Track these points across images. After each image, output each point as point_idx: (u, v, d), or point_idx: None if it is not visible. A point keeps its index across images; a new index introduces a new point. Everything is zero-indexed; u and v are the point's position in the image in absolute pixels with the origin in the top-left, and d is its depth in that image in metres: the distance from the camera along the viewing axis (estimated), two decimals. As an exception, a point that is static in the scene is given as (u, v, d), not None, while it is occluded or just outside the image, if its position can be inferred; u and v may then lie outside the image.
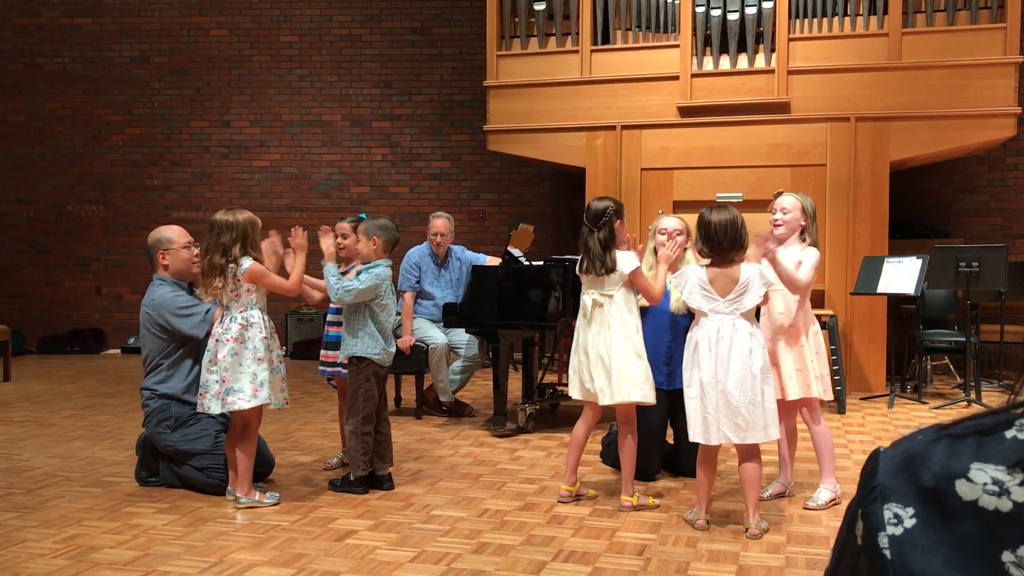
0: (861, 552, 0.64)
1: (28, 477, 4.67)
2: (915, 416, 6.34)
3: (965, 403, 6.62)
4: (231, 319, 4.12)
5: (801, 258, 4.02)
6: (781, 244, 4.08)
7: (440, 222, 6.42)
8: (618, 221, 4.07)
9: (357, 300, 4.28)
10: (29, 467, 4.89)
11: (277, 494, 4.24)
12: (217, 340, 4.09)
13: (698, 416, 3.70)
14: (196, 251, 4.62)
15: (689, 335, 3.80)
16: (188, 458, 4.34)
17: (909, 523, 0.62)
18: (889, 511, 0.63)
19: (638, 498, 4.10)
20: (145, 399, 4.48)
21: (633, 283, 4.04)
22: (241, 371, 4.08)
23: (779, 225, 4.11)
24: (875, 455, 0.67)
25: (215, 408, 4.08)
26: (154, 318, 4.45)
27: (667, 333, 4.55)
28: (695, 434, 3.73)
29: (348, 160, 10.02)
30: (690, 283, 3.73)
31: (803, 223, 4.09)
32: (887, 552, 0.61)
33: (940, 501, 0.61)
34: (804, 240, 4.10)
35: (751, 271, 3.73)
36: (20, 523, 3.87)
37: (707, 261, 3.77)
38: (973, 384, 6.70)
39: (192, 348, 4.47)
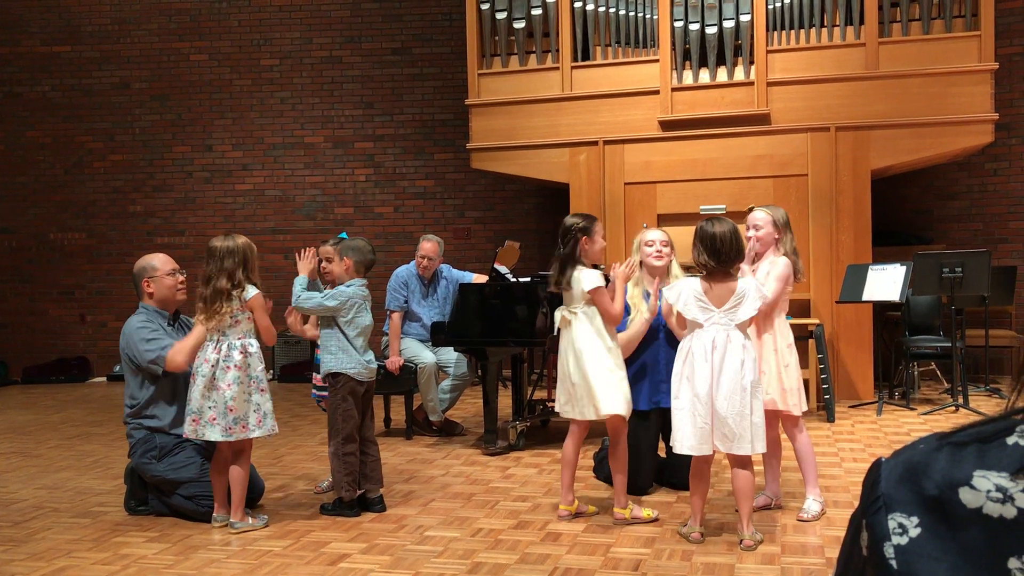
0: (867, 563, 0.64)
1: (15, 509, 4.61)
2: (904, 423, 6.36)
3: (953, 408, 6.64)
4: (230, 346, 4.10)
5: (770, 269, 4.06)
6: (760, 259, 4.15)
7: (429, 245, 6.39)
8: (584, 237, 4.09)
9: (312, 312, 4.36)
10: (16, 499, 4.83)
11: (265, 516, 4.23)
12: (214, 366, 4.06)
13: (688, 427, 3.68)
14: (181, 278, 4.61)
15: (681, 345, 3.80)
16: (176, 487, 4.31)
17: (914, 532, 0.61)
18: (893, 521, 0.62)
19: (631, 511, 4.09)
20: (129, 430, 4.44)
21: (593, 301, 4.05)
22: (247, 400, 4.09)
23: (755, 242, 4.16)
24: (876, 465, 0.67)
25: (214, 435, 4.04)
26: (123, 348, 4.44)
27: (663, 351, 4.54)
28: (684, 446, 3.69)
29: (331, 181, 10.02)
30: (685, 294, 3.73)
31: (776, 236, 4.12)
32: (893, 562, 0.61)
33: (944, 510, 0.61)
34: (778, 250, 4.13)
35: (747, 283, 3.76)
36: (8, 556, 3.82)
37: (700, 273, 3.79)
38: (960, 389, 6.73)
39: (172, 379, 4.43)
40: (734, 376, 3.64)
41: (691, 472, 3.82)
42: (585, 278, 4.03)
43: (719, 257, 3.68)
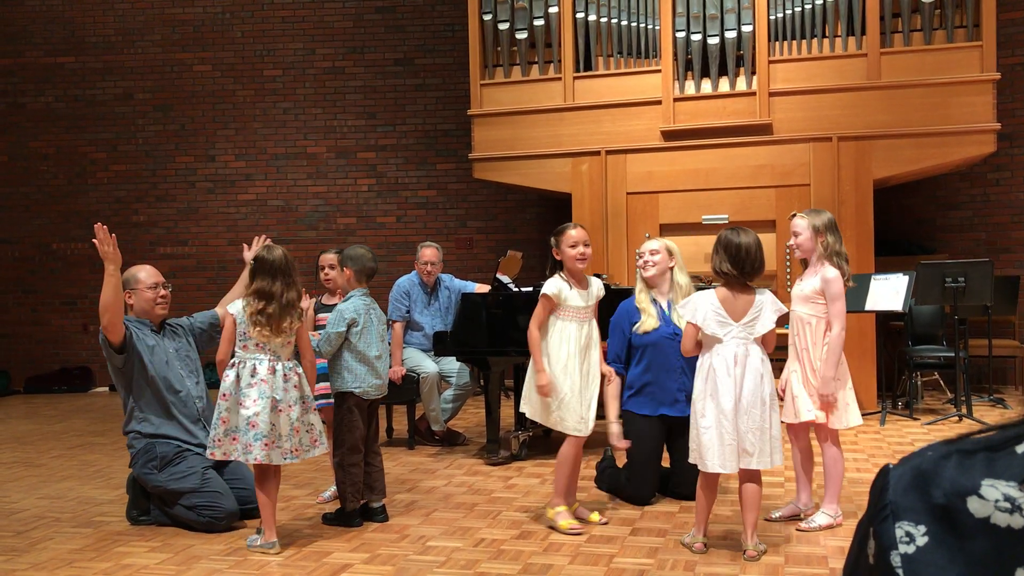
0: (873, 571, 0.64)
1: (17, 519, 4.60)
2: (907, 433, 6.34)
3: (956, 418, 6.63)
4: (285, 367, 3.98)
5: (823, 288, 3.99)
6: (807, 267, 4.14)
7: (430, 251, 6.43)
8: (554, 249, 4.15)
9: (335, 345, 4.28)
10: (18, 509, 4.82)
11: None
12: (272, 388, 3.92)
13: (716, 445, 3.61)
14: (164, 292, 4.55)
15: (701, 361, 3.72)
16: (178, 497, 4.28)
17: (921, 541, 0.61)
18: (901, 529, 0.62)
19: (556, 512, 4.14)
20: (130, 440, 4.44)
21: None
22: (303, 420, 4.02)
23: (795, 249, 4.16)
24: (884, 472, 0.67)
25: (277, 458, 3.91)
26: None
27: (676, 359, 4.53)
28: (713, 464, 3.61)
29: (334, 191, 10.03)
30: (703, 308, 3.67)
31: (817, 241, 4.06)
32: (900, 571, 0.61)
33: (952, 518, 0.61)
34: (823, 257, 4.05)
35: (764, 297, 3.73)
36: (10, 566, 3.81)
37: (717, 283, 3.76)
38: (964, 399, 6.72)
39: (158, 384, 4.41)
40: (754, 390, 3.62)
41: (699, 483, 3.79)
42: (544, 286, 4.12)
43: (742, 267, 3.64)
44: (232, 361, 3.98)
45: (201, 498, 4.26)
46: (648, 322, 4.51)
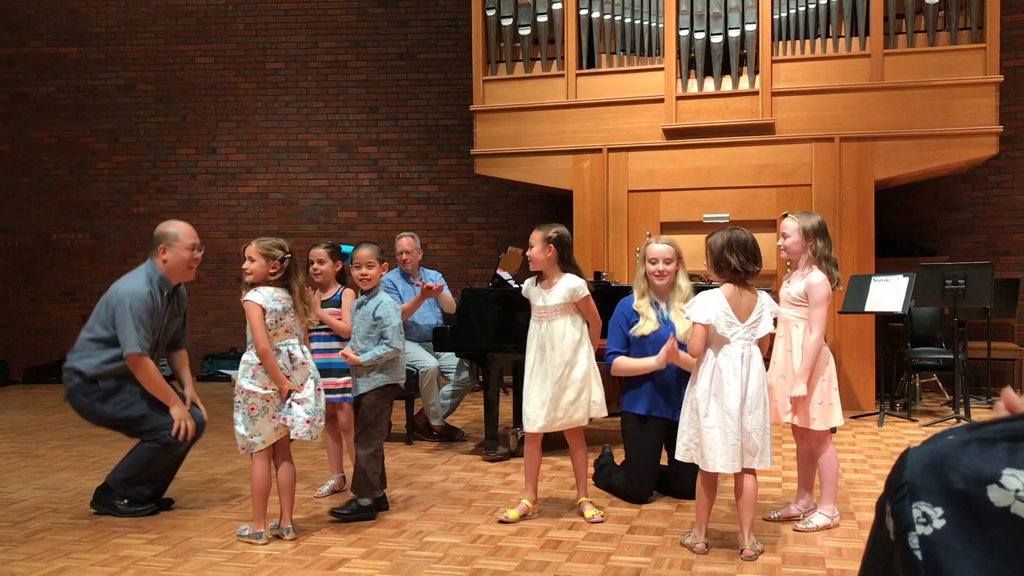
0: (895, 548, 0.64)
1: (14, 510, 4.61)
2: (905, 434, 6.35)
3: (954, 420, 6.63)
4: (304, 351, 4.07)
5: (807, 291, 3.99)
6: (794, 268, 4.14)
7: (404, 241, 6.52)
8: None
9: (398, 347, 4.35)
10: (15, 499, 4.83)
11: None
12: (312, 368, 4.03)
13: (720, 445, 3.60)
14: (198, 255, 4.54)
15: (704, 361, 3.71)
16: (132, 428, 4.33)
17: (939, 524, 0.61)
18: (918, 510, 0.62)
19: (582, 503, 4.34)
20: (68, 375, 4.43)
21: None
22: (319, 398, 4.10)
23: (783, 251, 4.16)
24: (905, 453, 0.67)
25: (307, 437, 3.98)
26: (112, 305, 4.32)
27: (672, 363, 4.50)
28: (717, 464, 3.61)
29: (335, 185, 10.03)
30: (712, 309, 3.64)
31: (805, 244, 4.05)
32: (918, 553, 0.61)
33: (971, 505, 0.61)
34: (811, 261, 4.04)
35: (764, 297, 3.74)
36: (7, 557, 3.81)
37: (713, 280, 3.77)
38: (962, 401, 6.72)
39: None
40: (758, 391, 3.64)
41: (700, 482, 3.78)
42: None
43: (755, 260, 3.67)
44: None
45: (154, 421, 4.26)
46: (646, 326, 4.51)
